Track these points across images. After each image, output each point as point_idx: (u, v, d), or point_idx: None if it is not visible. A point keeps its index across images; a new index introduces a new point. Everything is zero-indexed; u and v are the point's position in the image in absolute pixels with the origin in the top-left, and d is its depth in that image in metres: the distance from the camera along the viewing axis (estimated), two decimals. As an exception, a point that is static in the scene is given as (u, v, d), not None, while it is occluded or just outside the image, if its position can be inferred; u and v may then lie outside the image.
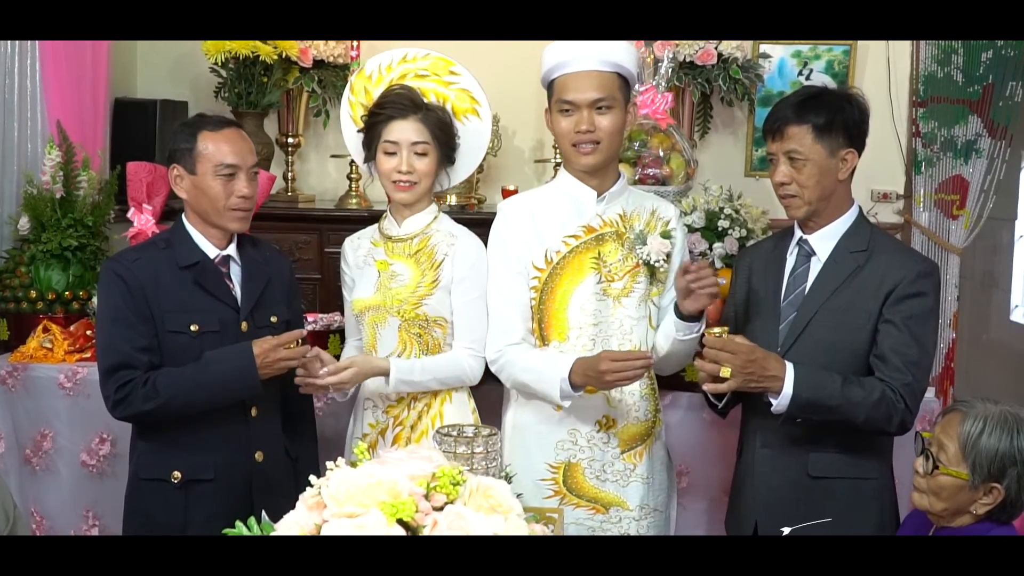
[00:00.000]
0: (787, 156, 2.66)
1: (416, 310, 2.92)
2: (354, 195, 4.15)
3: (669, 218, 2.91)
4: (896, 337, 2.60)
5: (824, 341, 2.64)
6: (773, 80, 4.43)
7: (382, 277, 2.96)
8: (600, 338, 2.84)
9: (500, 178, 4.36)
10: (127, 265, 2.72)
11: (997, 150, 4.34)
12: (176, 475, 2.71)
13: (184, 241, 2.79)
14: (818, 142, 2.64)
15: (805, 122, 2.64)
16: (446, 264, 2.93)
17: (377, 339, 2.96)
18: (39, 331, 3.61)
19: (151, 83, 4.61)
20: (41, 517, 3.56)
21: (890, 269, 2.64)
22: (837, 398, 2.56)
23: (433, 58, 3.11)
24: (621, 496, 2.88)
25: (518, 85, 4.15)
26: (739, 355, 2.54)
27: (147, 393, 2.63)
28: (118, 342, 2.67)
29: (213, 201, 2.74)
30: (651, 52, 3.82)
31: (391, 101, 2.93)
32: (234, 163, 2.73)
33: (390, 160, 2.91)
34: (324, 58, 4.25)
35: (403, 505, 1.66)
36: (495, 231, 2.94)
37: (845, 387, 2.57)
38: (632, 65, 2.85)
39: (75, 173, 3.77)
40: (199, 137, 2.74)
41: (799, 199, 2.68)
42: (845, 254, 2.68)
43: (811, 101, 2.67)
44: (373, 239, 3.03)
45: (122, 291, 2.68)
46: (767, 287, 2.80)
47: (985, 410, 2.21)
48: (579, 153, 2.81)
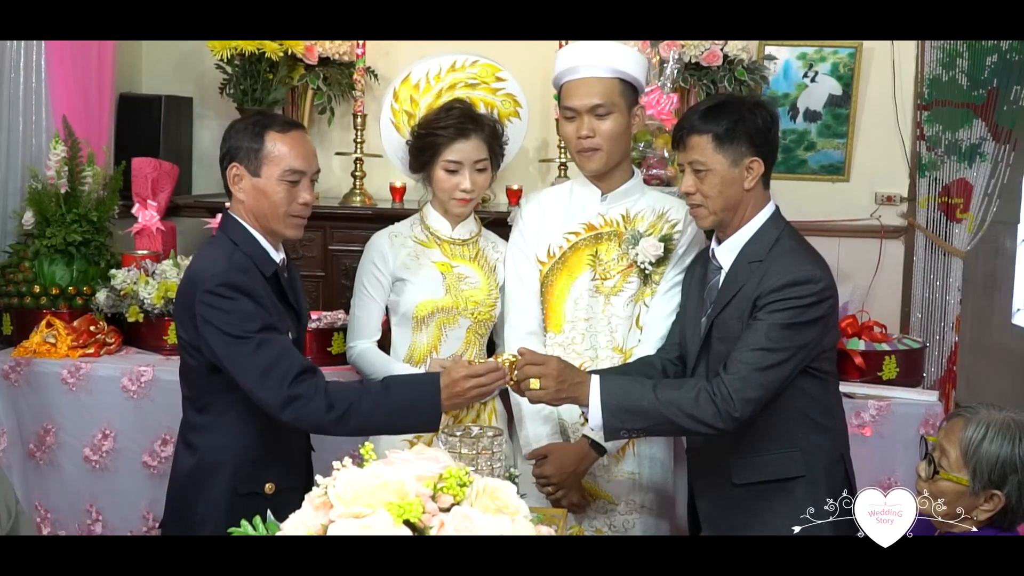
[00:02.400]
0: (691, 166, 2.62)
1: (491, 311, 3.01)
2: (358, 193, 4.15)
3: (677, 220, 2.93)
4: (748, 338, 2.53)
5: (722, 354, 2.59)
6: (778, 82, 4.43)
7: (448, 279, 2.97)
8: (589, 333, 2.93)
9: (504, 177, 4.35)
10: (239, 276, 2.50)
11: (1001, 154, 4.34)
12: (268, 487, 2.58)
13: (256, 248, 2.60)
14: (719, 151, 2.58)
15: (706, 131, 2.58)
16: (499, 269, 3.03)
17: (442, 340, 2.98)
18: (42, 326, 3.61)
19: (156, 79, 4.62)
20: (46, 511, 3.56)
21: (765, 277, 2.56)
22: (650, 399, 2.50)
23: (481, 65, 3.12)
24: (606, 490, 2.94)
25: (523, 85, 4.10)
26: (548, 366, 2.54)
27: (328, 408, 2.44)
28: (279, 346, 2.48)
29: (275, 206, 2.57)
30: (657, 53, 3.83)
31: (454, 121, 2.92)
32: (302, 169, 2.58)
33: (452, 178, 2.93)
34: (329, 55, 4.25)
35: (410, 506, 1.66)
36: (516, 225, 3.05)
37: (657, 390, 2.52)
38: (636, 70, 2.88)
39: (80, 168, 3.77)
40: (266, 137, 2.56)
41: (704, 208, 2.63)
42: (743, 265, 2.62)
43: (714, 110, 2.62)
44: (418, 239, 3.02)
45: (252, 304, 2.48)
46: (691, 296, 2.79)
47: (988, 416, 2.20)
48: (582, 158, 2.88)
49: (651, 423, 2.54)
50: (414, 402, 2.49)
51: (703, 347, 2.67)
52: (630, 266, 2.91)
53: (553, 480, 2.84)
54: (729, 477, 2.65)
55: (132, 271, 3.66)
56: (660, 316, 2.90)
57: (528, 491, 2.81)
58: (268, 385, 2.43)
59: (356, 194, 4.16)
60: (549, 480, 2.84)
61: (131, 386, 3.45)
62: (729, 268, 2.65)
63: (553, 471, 2.84)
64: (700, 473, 2.76)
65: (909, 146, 4.46)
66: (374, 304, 3.02)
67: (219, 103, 4.39)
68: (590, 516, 2.94)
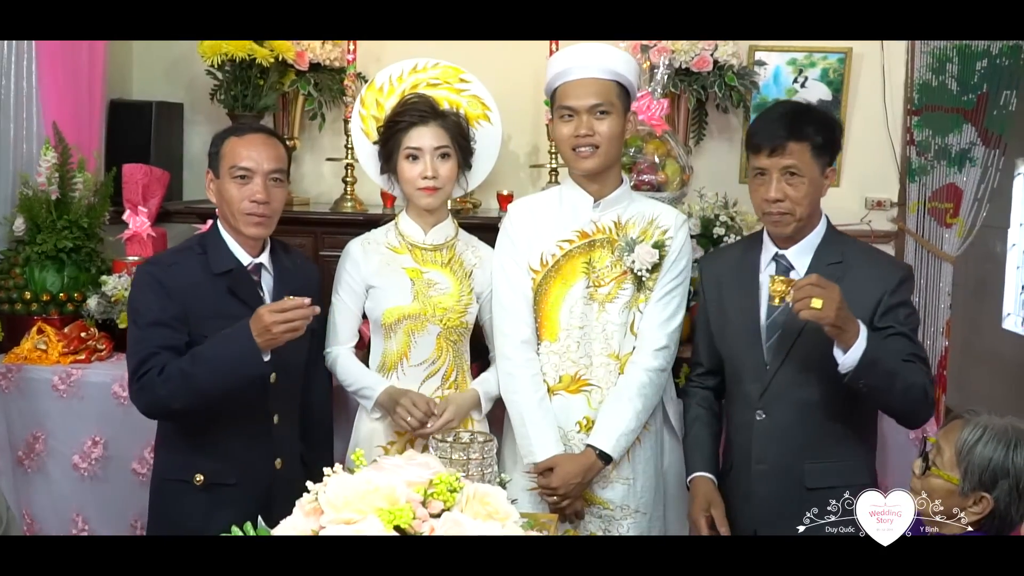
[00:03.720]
0: (784, 172, 2.65)
1: (461, 318, 2.98)
2: (349, 198, 4.15)
3: (667, 227, 2.93)
4: (905, 344, 2.62)
5: (814, 356, 2.63)
6: (768, 87, 4.43)
7: (417, 285, 2.96)
8: (584, 341, 2.92)
9: (495, 183, 4.35)
10: (164, 268, 2.72)
11: (991, 159, 4.34)
12: (198, 478, 2.71)
13: (218, 247, 2.78)
14: (815, 159, 2.65)
15: (805, 138, 2.63)
16: (476, 274, 3.01)
17: (412, 347, 2.97)
18: (33, 332, 3.61)
19: (147, 85, 4.60)
20: (32, 520, 3.55)
21: (870, 280, 2.66)
22: (895, 365, 2.56)
23: (443, 67, 3.12)
24: (601, 496, 2.93)
25: (513, 90, 4.15)
26: (832, 291, 2.50)
27: (163, 378, 2.59)
28: (150, 341, 2.64)
29: (229, 204, 2.74)
30: (647, 58, 3.83)
31: (410, 108, 2.94)
32: (247, 166, 2.73)
33: (414, 166, 2.92)
34: (320, 61, 4.25)
35: (400, 512, 1.66)
36: (504, 231, 3.02)
37: (901, 361, 2.58)
38: (631, 75, 2.90)
39: (71, 175, 3.77)
40: (225, 141, 2.77)
41: (791, 216, 2.68)
42: (822, 267, 2.67)
43: (805, 117, 2.68)
44: (391, 245, 3.02)
45: (159, 295, 2.67)
46: (742, 304, 2.80)
47: (988, 421, 2.23)
48: (578, 157, 2.86)
49: (881, 385, 2.55)
50: (227, 343, 2.58)
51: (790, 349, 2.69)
52: (624, 273, 2.91)
53: (559, 492, 2.84)
54: (801, 481, 2.68)
55: (123, 277, 3.66)
56: (655, 323, 2.91)
57: (519, 497, 2.82)
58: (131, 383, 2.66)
59: (347, 200, 4.15)
60: (555, 491, 2.85)
61: (122, 393, 3.44)
62: (807, 271, 2.70)
63: (560, 483, 2.84)
64: (768, 481, 2.73)
65: (899, 151, 4.46)
66: (348, 311, 3.03)
67: (210, 109, 4.38)
68: (585, 522, 2.93)
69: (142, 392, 2.64)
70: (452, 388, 2.99)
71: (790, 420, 2.71)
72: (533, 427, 2.88)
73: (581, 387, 2.92)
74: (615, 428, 2.85)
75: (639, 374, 2.89)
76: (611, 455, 2.85)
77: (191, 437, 2.74)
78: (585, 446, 2.87)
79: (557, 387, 2.93)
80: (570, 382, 2.92)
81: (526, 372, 2.92)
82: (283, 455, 2.81)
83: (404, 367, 2.97)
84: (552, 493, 2.85)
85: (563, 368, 2.92)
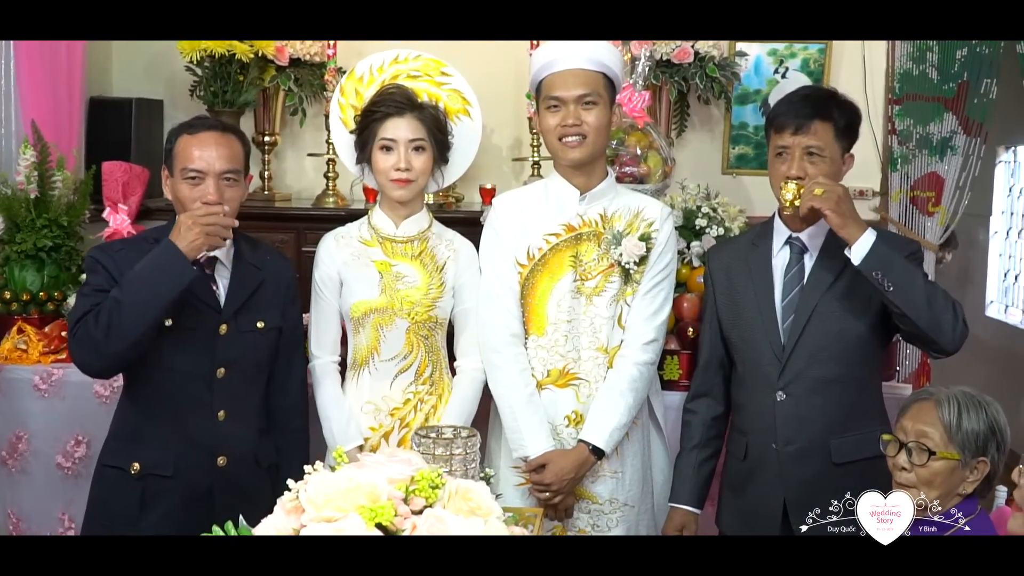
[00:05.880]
0: (806, 151, 2.69)
1: (429, 312, 2.93)
2: (331, 194, 4.14)
3: (653, 219, 2.93)
4: None
5: (831, 331, 2.70)
6: (749, 78, 4.45)
7: (385, 278, 2.93)
8: (572, 335, 2.91)
9: (478, 176, 4.35)
10: (111, 254, 2.70)
11: (972, 147, 4.36)
12: (135, 466, 2.68)
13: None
14: (837, 141, 2.70)
15: (830, 119, 2.69)
16: (449, 267, 2.96)
17: (381, 341, 2.92)
18: (14, 332, 3.59)
19: (126, 82, 4.59)
20: (17, 519, 3.53)
21: None
22: (908, 267, 2.60)
23: (424, 59, 3.09)
24: (590, 490, 2.93)
25: (496, 83, 4.14)
26: (837, 187, 2.61)
27: (97, 320, 2.54)
28: (89, 301, 2.60)
29: (182, 204, 2.69)
30: (628, 51, 3.82)
31: (387, 99, 2.91)
32: (198, 168, 2.67)
33: (387, 157, 2.89)
34: (300, 56, 4.24)
35: (382, 509, 1.66)
36: (489, 225, 3.00)
37: (915, 269, 2.64)
38: (616, 67, 2.90)
39: (50, 173, 3.74)
40: (178, 139, 2.72)
41: None
42: (835, 247, 2.69)
43: (831, 100, 2.74)
44: (363, 238, 2.99)
45: (104, 276, 2.64)
46: (755, 288, 2.81)
47: (950, 394, 2.30)
48: (565, 147, 2.85)
49: (904, 285, 2.56)
50: (152, 257, 2.57)
51: (805, 326, 2.71)
52: (611, 266, 2.90)
53: (552, 488, 2.84)
54: (828, 457, 2.70)
55: (104, 276, 3.64)
56: (643, 317, 2.91)
57: (503, 491, 2.81)
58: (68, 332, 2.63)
59: (329, 195, 4.14)
60: (548, 488, 2.85)
61: (104, 391, 3.43)
62: (820, 250, 2.75)
63: (553, 479, 2.84)
64: (796, 460, 2.74)
65: (881, 140, 4.48)
66: (330, 306, 2.98)
67: (190, 105, 4.35)
68: (574, 518, 2.93)
69: (79, 345, 2.59)
70: (427, 384, 2.94)
71: (811, 398, 2.72)
72: (525, 423, 2.87)
73: (569, 381, 2.92)
74: (608, 423, 2.85)
75: (629, 368, 2.89)
76: (604, 450, 2.85)
77: (134, 423, 2.72)
78: (577, 441, 2.87)
79: (545, 381, 2.92)
80: (558, 376, 2.92)
81: (515, 367, 2.91)
82: (228, 454, 2.73)
83: (375, 362, 2.93)
84: (545, 489, 2.85)
85: (551, 362, 2.91)
